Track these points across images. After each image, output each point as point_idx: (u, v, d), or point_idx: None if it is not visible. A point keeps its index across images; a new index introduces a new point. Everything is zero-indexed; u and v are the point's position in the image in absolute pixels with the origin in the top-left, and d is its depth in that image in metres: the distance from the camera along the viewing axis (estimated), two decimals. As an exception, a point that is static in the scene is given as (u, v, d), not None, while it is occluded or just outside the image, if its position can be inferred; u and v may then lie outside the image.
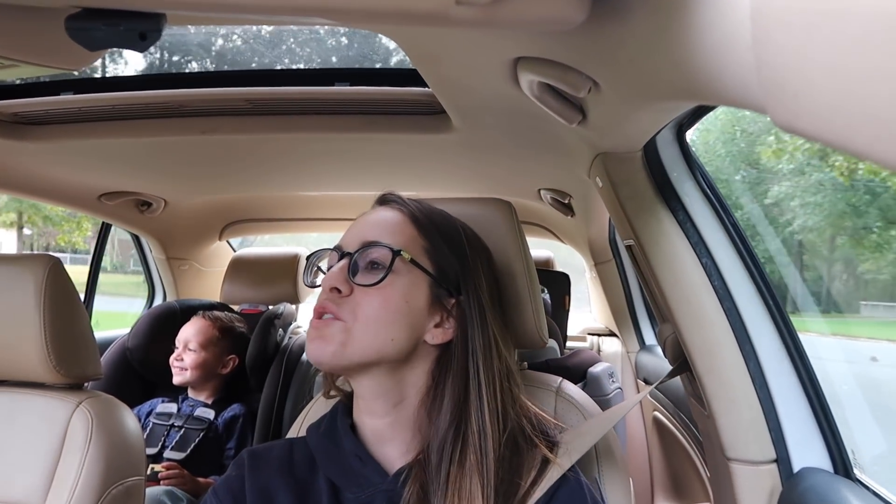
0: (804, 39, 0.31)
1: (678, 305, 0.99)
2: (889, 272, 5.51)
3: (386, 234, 0.78)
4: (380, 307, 0.74)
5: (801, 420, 0.95)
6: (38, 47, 0.74)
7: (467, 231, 0.85)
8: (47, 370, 1.17)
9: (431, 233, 0.80)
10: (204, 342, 1.98)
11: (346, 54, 1.81)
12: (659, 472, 2.09)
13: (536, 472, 0.75)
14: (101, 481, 1.13)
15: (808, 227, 5.29)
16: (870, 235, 5.25)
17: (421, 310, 0.77)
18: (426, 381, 0.78)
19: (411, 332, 0.76)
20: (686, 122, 0.96)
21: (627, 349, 2.52)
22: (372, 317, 0.74)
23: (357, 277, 0.75)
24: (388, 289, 0.75)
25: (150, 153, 1.68)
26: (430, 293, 0.78)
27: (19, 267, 1.18)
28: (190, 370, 1.95)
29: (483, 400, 0.75)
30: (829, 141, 0.32)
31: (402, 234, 0.78)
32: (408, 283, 0.76)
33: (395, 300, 0.75)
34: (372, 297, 0.75)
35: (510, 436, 0.76)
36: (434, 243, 0.79)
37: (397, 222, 0.80)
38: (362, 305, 0.74)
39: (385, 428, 0.79)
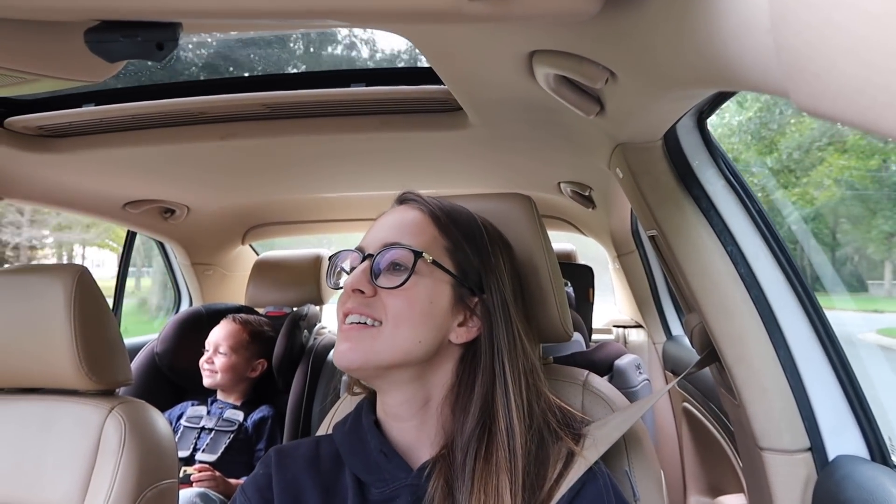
0: (824, 19, 0.30)
1: (704, 294, 0.98)
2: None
3: (407, 234, 0.78)
4: (406, 308, 0.74)
5: (834, 407, 0.93)
6: (59, 61, 0.75)
7: (488, 227, 0.84)
8: (80, 377, 1.19)
9: (452, 231, 0.79)
10: (234, 345, 2.00)
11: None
12: (690, 463, 2.07)
13: (562, 466, 0.75)
14: (135, 485, 1.15)
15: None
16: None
17: (445, 310, 0.77)
18: (451, 380, 0.79)
19: (437, 332, 0.76)
20: (706, 110, 0.95)
21: (654, 340, 2.50)
22: (399, 318, 0.74)
23: (380, 280, 0.76)
24: (411, 290, 0.75)
25: (171, 161, 1.70)
26: (453, 293, 0.78)
27: (49, 277, 1.20)
28: (220, 373, 1.97)
29: (510, 396, 0.75)
30: (853, 121, 0.32)
31: (423, 235, 0.78)
32: (430, 283, 0.76)
33: (419, 301, 0.75)
34: (396, 299, 0.75)
35: (536, 430, 0.76)
36: (455, 242, 0.79)
37: (418, 222, 0.80)
38: (388, 307, 0.74)
39: (411, 429, 0.80)
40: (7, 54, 0.72)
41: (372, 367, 0.75)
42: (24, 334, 1.20)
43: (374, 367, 0.75)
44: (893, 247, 3.54)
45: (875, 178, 3.77)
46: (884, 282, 3.40)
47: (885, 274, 3.49)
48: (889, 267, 3.52)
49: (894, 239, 3.64)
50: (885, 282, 3.44)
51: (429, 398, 0.79)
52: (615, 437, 0.81)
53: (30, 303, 1.20)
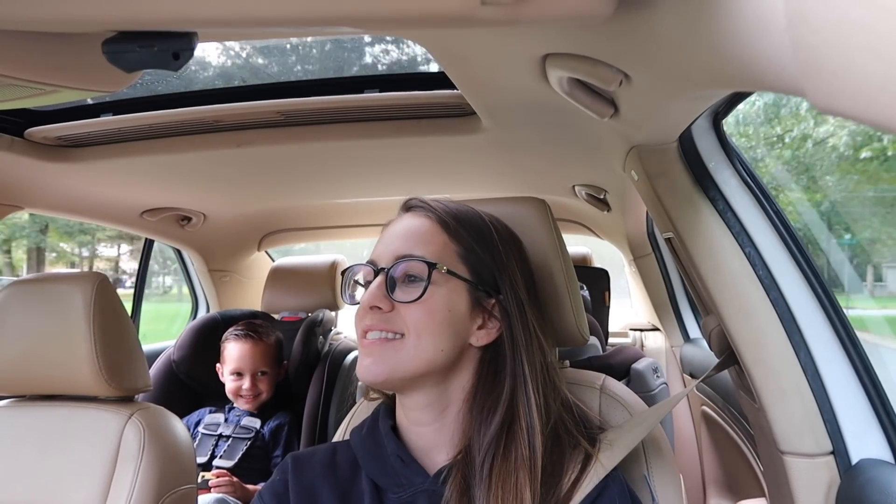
0: (841, 16, 0.30)
1: (722, 297, 0.97)
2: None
3: (418, 244, 0.78)
4: (426, 320, 0.75)
5: (857, 409, 0.91)
6: (77, 72, 0.76)
7: (496, 225, 0.83)
8: (100, 384, 1.20)
9: (462, 236, 0.79)
10: (272, 361, 2.02)
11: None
12: (710, 467, 2.05)
13: (580, 470, 0.75)
14: (155, 490, 1.16)
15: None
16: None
17: (463, 315, 0.77)
18: (471, 382, 0.79)
19: (457, 338, 0.76)
20: (722, 110, 0.94)
21: (671, 343, 2.48)
22: (420, 329, 0.74)
23: (396, 293, 0.76)
24: (429, 301, 0.75)
25: (188, 169, 1.72)
26: (470, 297, 0.78)
27: (68, 285, 1.22)
28: (265, 392, 1.99)
29: (529, 394, 0.75)
30: (872, 120, 0.31)
31: (434, 243, 0.78)
32: (447, 292, 0.76)
33: (438, 311, 0.75)
34: (415, 311, 0.75)
35: (552, 428, 0.76)
36: (466, 246, 0.79)
37: (427, 231, 0.79)
38: (408, 320, 0.75)
39: (431, 434, 0.80)
40: (26, 66, 0.73)
41: (397, 380, 0.76)
42: (45, 342, 1.21)
43: (399, 379, 0.76)
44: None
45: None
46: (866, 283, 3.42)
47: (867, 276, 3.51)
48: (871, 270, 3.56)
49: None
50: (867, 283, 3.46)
51: (450, 402, 0.79)
52: (633, 444, 0.81)
53: (50, 311, 1.22)
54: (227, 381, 1.98)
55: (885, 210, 3.54)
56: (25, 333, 1.23)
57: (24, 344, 1.23)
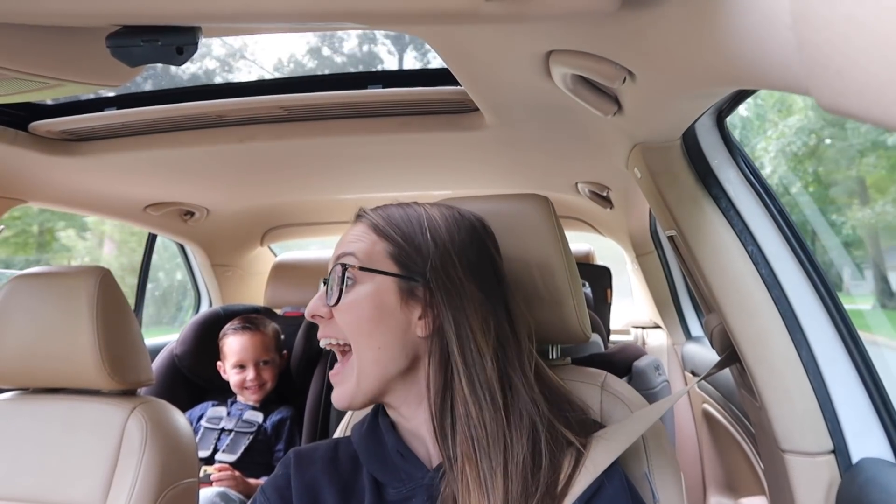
0: (846, 14, 0.30)
1: (724, 295, 0.97)
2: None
3: (349, 246, 0.81)
4: (354, 320, 0.77)
5: (858, 408, 0.91)
6: (81, 66, 0.76)
7: (432, 220, 0.82)
8: (103, 377, 1.21)
9: (389, 234, 0.80)
10: (272, 350, 2.04)
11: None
12: (711, 465, 2.05)
13: (572, 467, 0.74)
14: (157, 484, 1.16)
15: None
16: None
17: (394, 309, 0.77)
18: (430, 373, 0.78)
19: (395, 333, 0.77)
20: (726, 108, 0.94)
21: (673, 341, 2.48)
22: (353, 331, 0.77)
23: (329, 298, 0.79)
24: (354, 301, 0.77)
25: (191, 163, 1.72)
26: (399, 290, 0.78)
27: (72, 279, 1.22)
28: (269, 382, 2.00)
29: (464, 385, 0.74)
30: (877, 119, 0.31)
31: (363, 242, 0.80)
32: (372, 289, 0.77)
33: (362, 309, 0.77)
34: (344, 315, 0.77)
35: (531, 425, 0.75)
36: (394, 243, 0.80)
37: (359, 234, 0.82)
38: (342, 324, 0.78)
39: (416, 427, 0.80)
40: (31, 60, 0.73)
41: (362, 398, 0.78)
42: (48, 335, 1.22)
43: (364, 396, 0.78)
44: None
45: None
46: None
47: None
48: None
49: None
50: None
51: (421, 396, 0.79)
52: (629, 441, 0.80)
53: (53, 304, 1.22)
54: (230, 375, 1.99)
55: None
56: (29, 326, 1.23)
57: (27, 337, 1.23)
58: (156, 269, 2.94)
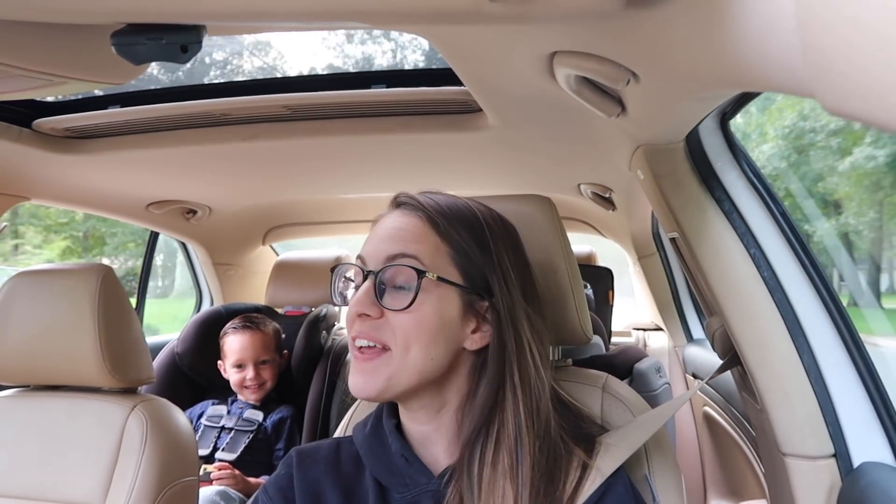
0: (851, 17, 0.30)
1: (726, 298, 0.97)
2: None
3: (408, 246, 0.75)
4: (414, 329, 0.72)
5: (859, 412, 0.91)
6: (86, 64, 0.76)
7: (489, 220, 0.79)
8: (103, 375, 1.21)
9: (453, 236, 0.76)
10: (272, 349, 2.03)
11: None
12: (711, 468, 2.04)
13: (578, 477, 0.74)
14: (157, 482, 1.16)
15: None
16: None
17: (455, 321, 0.75)
18: (467, 386, 0.77)
19: (448, 345, 0.74)
20: (729, 111, 0.94)
21: (675, 344, 2.48)
22: (409, 340, 0.72)
23: (385, 300, 0.73)
24: (419, 310, 0.72)
25: (194, 162, 1.72)
26: (462, 302, 0.75)
27: (74, 277, 1.22)
28: (269, 381, 2.00)
29: (518, 402, 0.73)
30: (880, 123, 0.31)
31: (424, 244, 0.75)
32: (437, 298, 0.73)
33: (428, 319, 0.72)
34: (404, 320, 0.72)
35: (546, 438, 0.74)
36: (457, 247, 0.76)
37: (417, 231, 0.76)
38: (396, 329, 0.72)
39: (430, 432, 0.79)
40: (35, 57, 0.74)
41: (389, 395, 0.75)
42: (50, 333, 1.22)
43: (392, 394, 0.75)
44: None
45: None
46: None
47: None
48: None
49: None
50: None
51: (445, 403, 0.78)
52: (633, 448, 0.79)
53: (55, 302, 1.22)
54: (230, 374, 1.99)
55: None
56: (30, 324, 1.23)
57: (28, 334, 1.23)
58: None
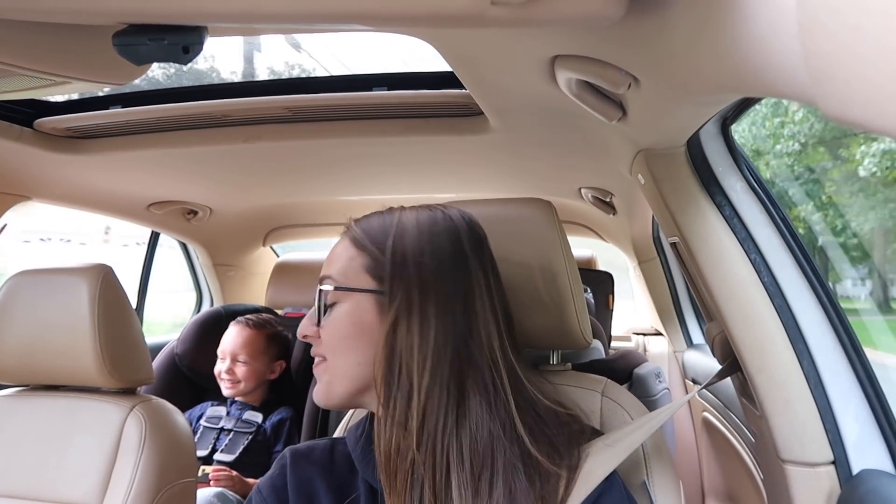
0: (853, 24, 0.30)
1: (726, 303, 0.97)
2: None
3: (329, 268, 0.81)
4: (333, 338, 0.78)
5: (859, 419, 0.91)
6: (87, 64, 0.77)
7: (402, 226, 0.79)
8: (102, 375, 1.21)
9: (367, 246, 0.80)
10: (254, 353, 1.98)
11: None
12: (710, 474, 2.04)
13: (566, 482, 0.72)
14: (155, 483, 1.16)
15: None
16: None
17: (373, 324, 0.76)
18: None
19: (372, 347, 0.75)
20: (731, 116, 0.94)
21: (674, 348, 2.48)
22: (332, 349, 0.78)
23: (321, 319, 0.80)
24: (336, 320, 0.78)
25: (195, 162, 1.73)
26: (378, 304, 0.76)
27: (74, 277, 1.22)
28: (243, 382, 1.96)
29: (420, 402, 0.72)
30: (882, 129, 0.31)
31: (343, 259, 0.80)
32: (350, 307, 0.78)
33: (343, 327, 0.77)
34: (326, 333, 0.79)
35: (521, 441, 0.73)
36: (371, 255, 0.79)
37: (341, 250, 0.82)
38: (324, 342, 0.79)
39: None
40: (37, 57, 0.74)
41: (336, 400, 0.79)
42: (49, 332, 1.22)
43: (338, 399, 0.79)
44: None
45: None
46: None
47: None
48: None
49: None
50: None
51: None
52: (627, 452, 0.78)
53: (55, 302, 1.22)
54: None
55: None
56: (30, 324, 1.23)
57: (28, 334, 1.23)
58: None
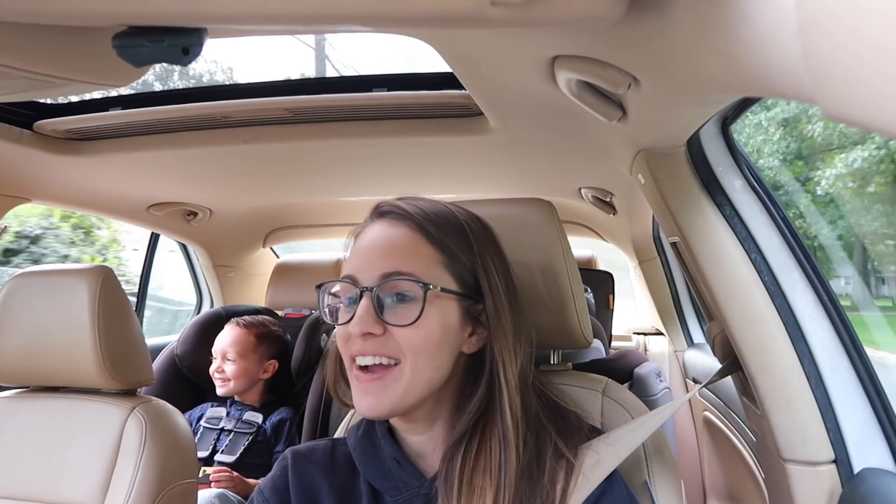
0: (853, 23, 0.30)
1: (727, 302, 0.97)
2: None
3: (404, 260, 0.73)
4: (423, 342, 0.71)
5: (860, 418, 0.91)
6: (87, 66, 0.77)
7: (469, 222, 0.79)
8: (103, 377, 1.21)
9: (445, 243, 0.75)
10: (242, 350, 1.98)
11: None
12: (711, 474, 2.04)
13: (568, 481, 0.73)
14: (155, 484, 1.16)
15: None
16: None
17: (456, 328, 0.75)
18: (457, 388, 0.77)
19: (451, 352, 0.74)
20: (731, 116, 0.94)
21: (675, 348, 2.47)
22: (418, 353, 0.71)
23: (387, 315, 0.71)
24: (425, 323, 0.71)
25: (195, 164, 1.72)
26: (460, 309, 0.75)
27: (74, 278, 1.22)
28: (233, 381, 1.96)
29: (504, 402, 0.73)
30: (883, 129, 0.31)
31: (419, 256, 0.74)
32: (440, 309, 0.73)
33: (434, 331, 0.72)
34: (410, 335, 0.71)
35: (532, 441, 0.74)
36: (450, 254, 0.75)
37: (410, 242, 0.74)
38: (403, 343, 0.71)
39: (425, 441, 0.79)
40: (37, 59, 0.74)
41: (401, 410, 0.74)
42: (50, 334, 1.22)
43: (403, 409, 0.73)
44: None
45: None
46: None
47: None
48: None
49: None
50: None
51: (439, 410, 0.78)
52: (628, 452, 0.78)
53: (55, 303, 1.22)
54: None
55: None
56: (30, 325, 1.23)
57: (28, 335, 1.23)
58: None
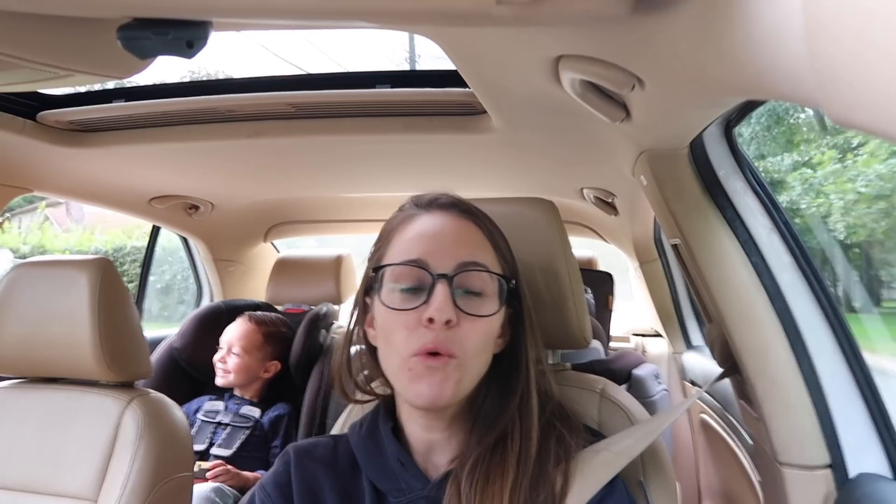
0: (859, 27, 0.30)
1: (727, 305, 0.97)
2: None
3: (478, 252, 0.73)
4: (487, 335, 0.71)
5: (857, 423, 0.91)
6: (91, 57, 0.77)
7: (501, 228, 0.81)
8: (101, 369, 1.21)
9: (498, 243, 0.77)
10: (248, 346, 1.99)
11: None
12: (707, 476, 2.04)
13: (570, 485, 0.72)
14: (151, 477, 1.16)
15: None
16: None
17: (498, 325, 0.75)
18: (480, 389, 0.77)
19: (492, 351, 0.75)
20: (734, 118, 0.94)
21: (673, 350, 2.47)
22: (479, 346, 0.71)
23: (462, 304, 0.70)
24: (493, 319, 0.71)
25: (198, 157, 1.72)
26: (504, 306, 0.75)
27: (74, 270, 1.22)
28: (233, 374, 1.97)
29: (531, 404, 0.74)
30: (887, 133, 0.31)
31: (486, 251, 0.74)
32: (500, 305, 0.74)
33: (494, 327, 0.72)
34: (477, 328, 0.70)
35: (544, 438, 0.75)
36: (501, 255, 0.76)
37: (478, 237, 0.75)
38: (469, 337, 0.69)
39: (440, 440, 0.78)
40: (41, 49, 0.74)
41: (456, 401, 0.73)
42: (49, 325, 1.22)
43: (456, 401, 0.72)
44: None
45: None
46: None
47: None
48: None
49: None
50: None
51: (461, 409, 0.77)
52: (629, 458, 0.78)
53: (55, 294, 1.22)
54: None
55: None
56: (30, 316, 1.23)
57: (28, 326, 1.23)
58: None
